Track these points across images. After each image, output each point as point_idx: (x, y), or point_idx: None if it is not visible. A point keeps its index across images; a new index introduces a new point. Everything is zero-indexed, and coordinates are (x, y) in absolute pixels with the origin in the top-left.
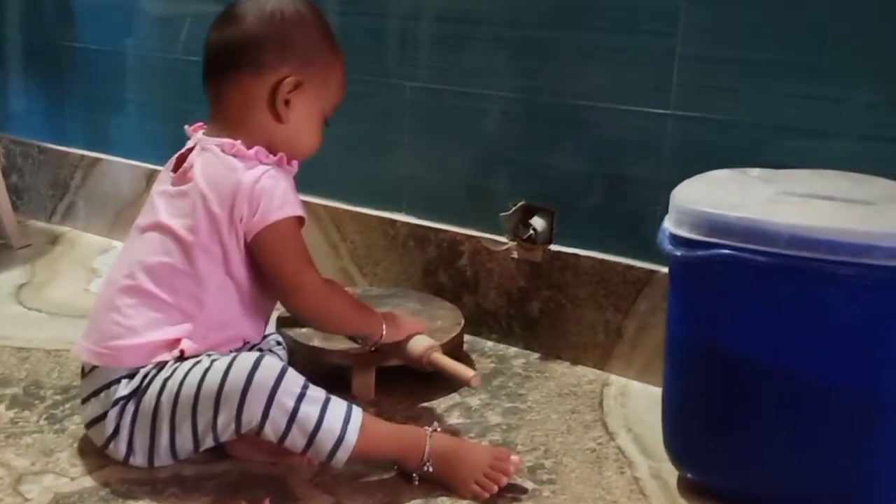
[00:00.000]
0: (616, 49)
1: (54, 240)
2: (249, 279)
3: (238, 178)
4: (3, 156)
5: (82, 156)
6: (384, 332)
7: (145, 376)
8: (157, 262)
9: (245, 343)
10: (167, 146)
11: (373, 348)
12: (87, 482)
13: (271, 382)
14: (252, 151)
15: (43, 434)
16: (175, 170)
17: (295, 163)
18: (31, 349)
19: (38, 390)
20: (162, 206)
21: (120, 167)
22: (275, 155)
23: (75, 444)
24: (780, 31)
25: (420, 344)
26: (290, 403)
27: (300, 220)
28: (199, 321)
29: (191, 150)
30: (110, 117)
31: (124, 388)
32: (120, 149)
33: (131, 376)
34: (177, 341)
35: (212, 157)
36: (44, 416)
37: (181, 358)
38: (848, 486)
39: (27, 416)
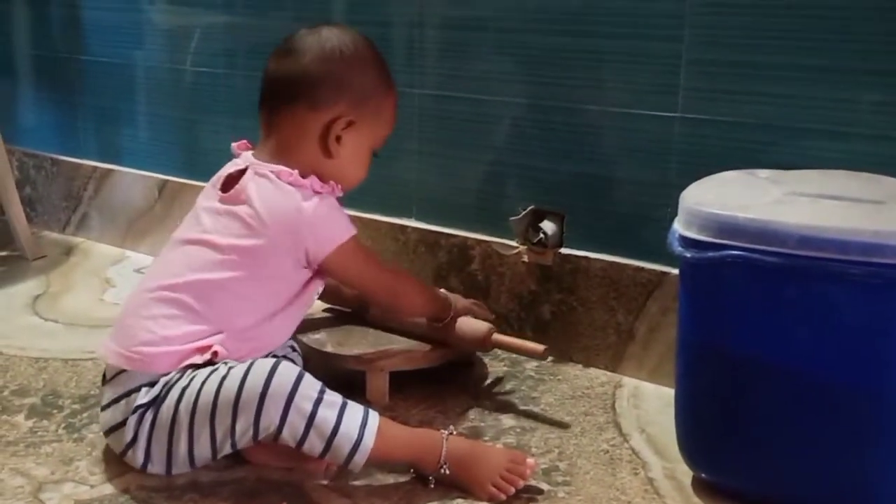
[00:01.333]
0: (623, 53)
1: (68, 251)
2: (291, 298)
3: (298, 206)
4: (17, 168)
5: (95, 167)
6: (452, 310)
7: (165, 385)
8: (201, 278)
9: (269, 352)
10: (178, 157)
11: (441, 324)
12: (107, 489)
13: (289, 387)
14: (308, 181)
15: (62, 443)
16: (224, 188)
17: (339, 189)
18: (48, 359)
19: (56, 400)
20: (209, 222)
21: (132, 178)
22: (325, 183)
23: (94, 453)
24: (785, 33)
25: (480, 327)
26: (308, 408)
27: (356, 236)
28: (233, 333)
29: (241, 170)
30: (122, 129)
31: (144, 397)
32: (132, 160)
33: (152, 384)
34: (208, 347)
35: (268, 183)
36: (62, 426)
37: (210, 362)
38: (859, 485)
39: (46, 426)
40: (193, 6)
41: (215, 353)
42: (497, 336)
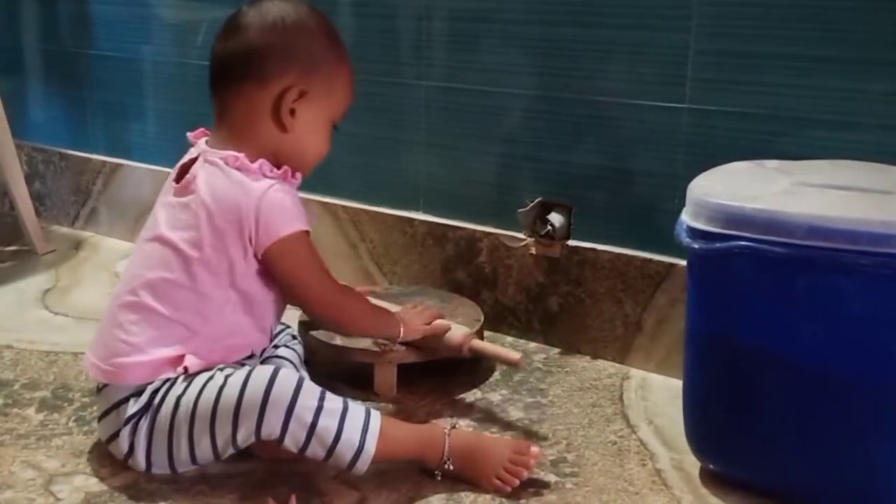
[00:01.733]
0: (630, 44)
1: (77, 245)
2: (255, 291)
3: (244, 192)
4: (26, 163)
5: (104, 162)
6: (402, 332)
7: (154, 393)
8: (158, 277)
9: (252, 353)
10: (186, 151)
11: (392, 348)
12: (117, 481)
13: (288, 397)
14: (256, 165)
15: (72, 436)
16: (177, 180)
17: (299, 175)
18: (58, 353)
19: (67, 393)
20: (163, 217)
21: (141, 172)
22: (279, 166)
23: (104, 446)
24: (793, 23)
25: (457, 333)
26: (309, 418)
27: (308, 233)
28: (203, 336)
29: (194, 160)
30: (130, 123)
31: (133, 406)
32: (140, 154)
33: (139, 394)
34: (181, 358)
35: (216, 170)
36: (72, 419)
37: (186, 374)
38: (867, 476)
39: (56, 419)
40: (201, 0)
41: (186, 368)
42: (475, 342)
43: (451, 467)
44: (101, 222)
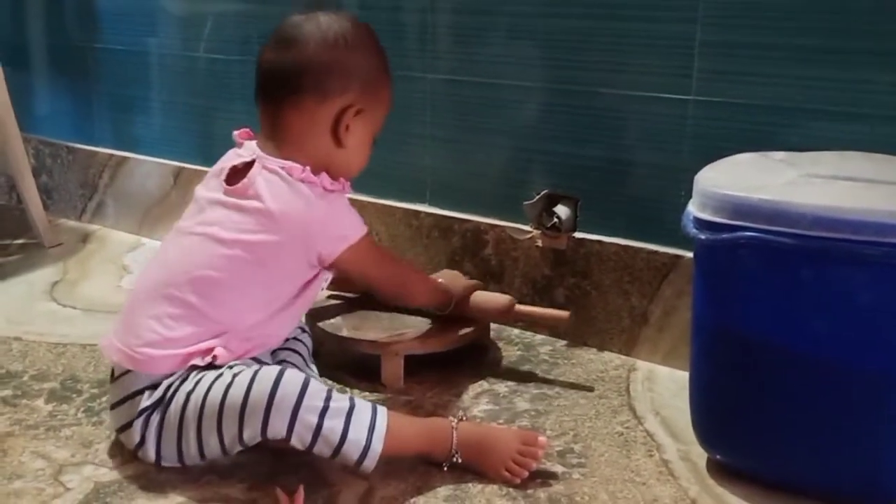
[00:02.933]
0: (636, 36)
1: (85, 238)
2: (299, 295)
3: (310, 206)
4: (33, 157)
5: (110, 155)
6: (454, 299)
7: (168, 387)
8: (205, 275)
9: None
10: (193, 144)
11: (444, 313)
12: (126, 471)
13: (293, 399)
14: (318, 178)
15: (81, 426)
16: (229, 180)
17: (349, 185)
18: (67, 344)
19: (75, 384)
20: (213, 215)
21: (147, 165)
22: (332, 177)
23: (113, 436)
24: (799, 14)
25: (500, 300)
26: (314, 420)
27: (368, 233)
28: (238, 332)
29: (248, 163)
30: (137, 116)
31: (147, 399)
32: (147, 147)
33: (154, 387)
34: (210, 350)
35: (278, 179)
36: (81, 409)
37: (211, 365)
38: (873, 468)
39: (65, 410)
40: None
41: (215, 357)
42: (520, 307)
43: (460, 460)
44: (109, 215)
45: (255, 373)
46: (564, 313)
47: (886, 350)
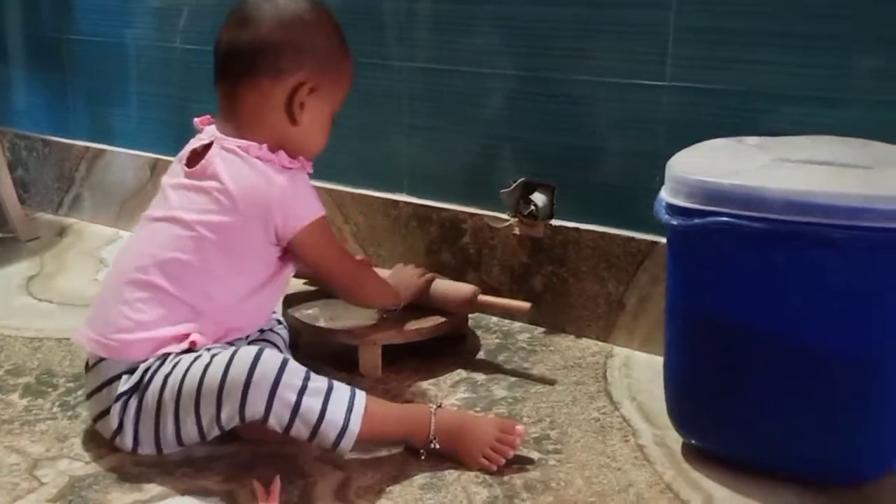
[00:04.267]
0: (611, 23)
1: (61, 231)
2: (265, 276)
3: (269, 183)
4: (9, 150)
5: (86, 147)
6: (401, 300)
7: (146, 371)
8: (170, 257)
9: (248, 334)
10: (170, 135)
11: (389, 314)
12: (102, 465)
13: (272, 377)
14: (275, 156)
15: (56, 421)
16: (189, 163)
17: (310, 164)
18: (43, 339)
19: (51, 378)
20: (176, 199)
21: (124, 158)
22: (291, 156)
23: (88, 430)
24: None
25: (462, 291)
26: (292, 398)
27: (325, 216)
28: (208, 316)
29: (207, 146)
30: (113, 109)
31: (125, 384)
32: (123, 139)
33: (131, 371)
34: (186, 335)
35: (236, 158)
36: (57, 404)
37: (188, 350)
38: (847, 448)
39: (41, 404)
40: None
41: (193, 343)
42: (482, 297)
43: (438, 446)
44: (85, 208)
45: (234, 353)
46: (525, 304)
47: (859, 332)
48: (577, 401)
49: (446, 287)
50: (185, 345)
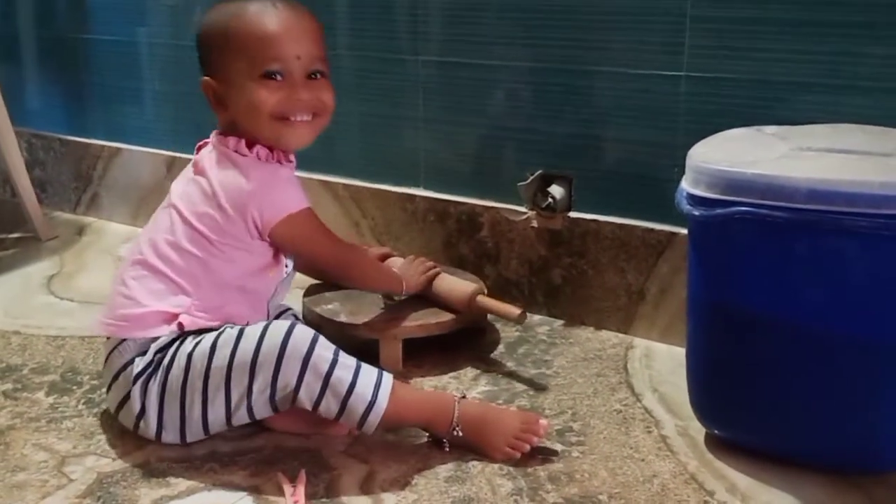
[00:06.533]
0: (627, 13)
1: (80, 230)
2: (256, 266)
3: (244, 177)
4: (26, 150)
5: (103, 146)
6: (404, 287)
7: (159, 350)
8: (162, 238)
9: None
10: (185, 133)
11: (398, 299)
12: (128, 461)
13: (305, 348)
14: (252, 151)
15: (82, 418)
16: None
17: (293, 157)
18: (66, 337)
19: (75, 376)
20: (175, 190)
21: (140, 156)
22: (260, 140)
23: (114, 426)
24: None
25: (465, 289)
26: (325, 368)
27: (310, 208)
28: (196, 298)
29: (207, 142)
30: (129, 107)
31: (139, 365)
32: (139, 138)
33: (143, 353)
34: (174, 316)
35: (219, 154)
36: (82, 401)
37: (182, 333)
38: (869, 436)
39: (66, 402)
40: None
41: (181, 325)
42: (480, 298)
43: (461, 433)
44: (103, 207)
45: (267, 325)
46: (515, 310)
47: (881, 320)
48: (599, 393)
49: (449, 286)
50: (174, 326)
